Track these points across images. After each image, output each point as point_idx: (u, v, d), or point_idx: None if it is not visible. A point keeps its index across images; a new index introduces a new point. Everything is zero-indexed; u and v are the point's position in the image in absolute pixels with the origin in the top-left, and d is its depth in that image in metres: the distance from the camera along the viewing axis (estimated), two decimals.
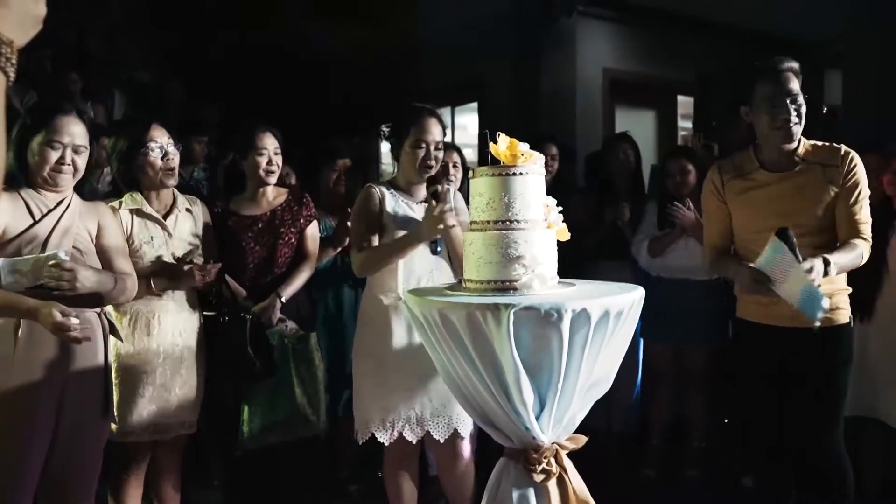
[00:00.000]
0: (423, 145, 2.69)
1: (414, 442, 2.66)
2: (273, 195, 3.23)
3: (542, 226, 2.15)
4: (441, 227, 2.50)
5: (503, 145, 2.13)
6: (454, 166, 4.00)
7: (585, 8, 6.59)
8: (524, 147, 2.16)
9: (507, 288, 2.07)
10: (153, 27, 6.40)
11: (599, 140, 6.88)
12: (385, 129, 2.85)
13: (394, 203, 2.73)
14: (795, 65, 2.54)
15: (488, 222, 2.13)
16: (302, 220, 3.20)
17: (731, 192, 2.64)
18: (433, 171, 2.69)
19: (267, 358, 2.86)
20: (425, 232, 2.56)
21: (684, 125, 8.18)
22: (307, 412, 2.96)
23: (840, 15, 5.41)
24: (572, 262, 3.93)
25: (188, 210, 2.90)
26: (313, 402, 2.98)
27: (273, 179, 3.18)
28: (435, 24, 7.34)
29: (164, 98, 5.87)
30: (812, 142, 2.57)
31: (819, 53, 6.57)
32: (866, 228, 2.48)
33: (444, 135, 2.75)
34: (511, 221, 2.10)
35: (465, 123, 8.52)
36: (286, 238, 3.15)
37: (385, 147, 8.66)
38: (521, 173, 2.11)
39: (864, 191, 2.49)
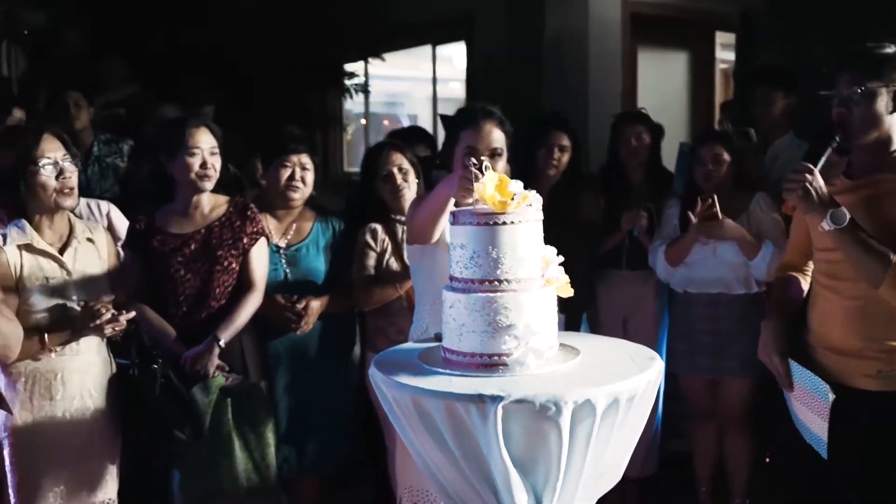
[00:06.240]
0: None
1: None
2: (209, 206, 3.24)
3: (538, 284, 2.19)
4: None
5: (490, 186, 2.15)
6: (561, 150, 4.01)
7: None
8: (517, 186, 2.18)
9: (494, 364, 2.12)
10: None
11: (619, 94, 6.90)
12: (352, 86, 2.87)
13: None
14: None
15: (473, 281, 2.16)
16: (245, 239, 3.21)
17: None
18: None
19: (187, 418, 2.91)
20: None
21: (725, 58, 8.16)
22: (253, 480, 3.03)
23: None
24: (591, 272, 4.07)
25: (89, 240, 2.91)
26: (261, 467, 3.05)
27: (209, 185, 3.19)
28: None
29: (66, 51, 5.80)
30: None
31: None
32: None
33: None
34: (500, 281, 2.14)
35: (451, 55, 8.54)
36: (225, 263, 3.18)
37: (354, 112, 8.63)
38: (512, 222, 2.13)
39: None
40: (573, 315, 3.88)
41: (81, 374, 2.81)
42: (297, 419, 3.48)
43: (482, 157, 2.49)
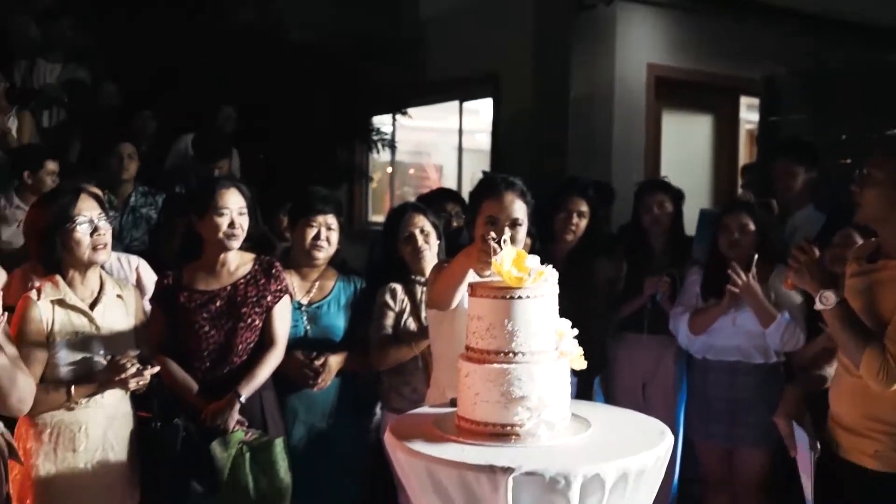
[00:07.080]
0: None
1: None
2: (236, 264, 3.33)
3: (551, 357, 2.25)
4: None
5: (508, 261, 2.22)
6: (579, 215, 4.09)
7: None
8: (533, 262, 2.25)
9: (507, 434, 2.18)
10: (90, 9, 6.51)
11: (642, 155, 7.00)
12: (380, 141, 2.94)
13: None
14: None
15: (488, 352, 2.23)
16: (269, 297, 3.29)
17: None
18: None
19: (206, 472, 2.97)
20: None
21: (751, 118, 8.26)
22: None
23: None
24: (605, 336, 4.11)
25: (119, 296, 3.00)
26: None
27: (236, 244, 3.28)
28: (439, 4, 7.43)
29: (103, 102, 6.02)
30: None
31: None
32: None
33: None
34: (515, 353, 2.20)
35: (478, 108, 8.70)
36: (249, 320, 3.26)
37: (380, 160, 8.81)
38: (528, 296, 2.20)
39: None
40: (585, 380, 3.91)
41: (104, 427, 2.87)
42: (312, 475, 3.53)
43: (503, 230, 2.58)
